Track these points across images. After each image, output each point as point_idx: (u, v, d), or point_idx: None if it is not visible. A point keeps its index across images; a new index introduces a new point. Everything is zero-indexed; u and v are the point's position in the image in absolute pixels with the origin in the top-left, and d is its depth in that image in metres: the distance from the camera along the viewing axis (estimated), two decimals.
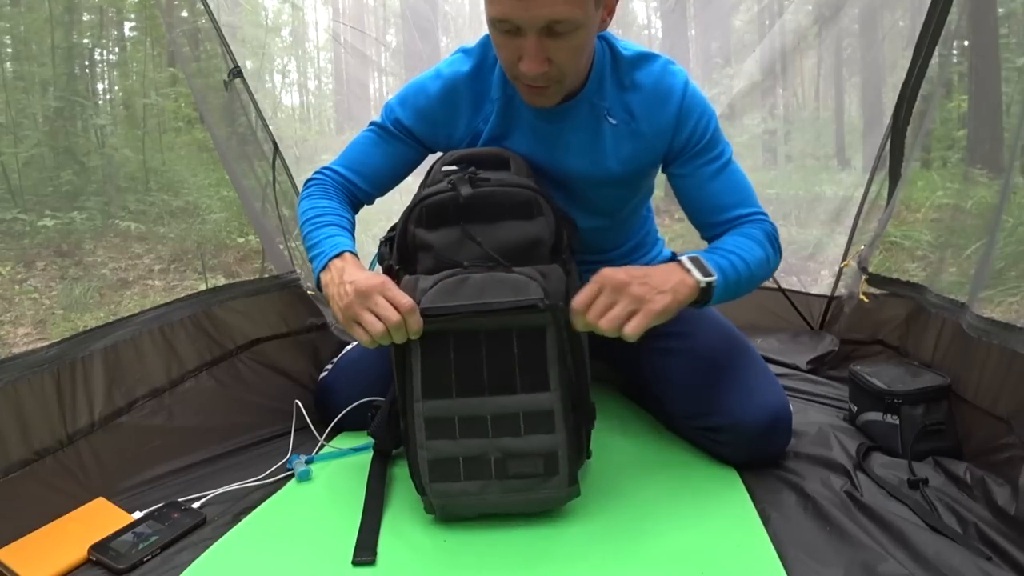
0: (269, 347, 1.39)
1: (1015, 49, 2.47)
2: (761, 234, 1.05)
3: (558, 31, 0.88)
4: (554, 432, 0.87)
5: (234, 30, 1.82)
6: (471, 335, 0.88)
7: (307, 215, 1.08)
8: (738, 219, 1.07)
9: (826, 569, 0.79)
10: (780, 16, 2.06)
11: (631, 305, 0.86)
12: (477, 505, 0.89)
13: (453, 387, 0.88)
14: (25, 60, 2.46)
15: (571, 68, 0.95)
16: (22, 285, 2.42)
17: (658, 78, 1.04)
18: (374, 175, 1.15)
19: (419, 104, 1.11)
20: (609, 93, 1.05)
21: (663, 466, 1.09)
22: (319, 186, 1.14)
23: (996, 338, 1.01)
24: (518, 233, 0.95)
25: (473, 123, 1.11)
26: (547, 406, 0.87)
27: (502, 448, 0.87)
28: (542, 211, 0.96)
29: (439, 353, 0.88)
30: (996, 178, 2.46)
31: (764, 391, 1.06)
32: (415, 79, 1.14)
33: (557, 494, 0.89)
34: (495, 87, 1.08)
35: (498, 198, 0.95)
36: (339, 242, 1.01)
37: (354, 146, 1.17)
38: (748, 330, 1.20)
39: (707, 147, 1.07)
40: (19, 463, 0.92)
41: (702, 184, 1.08)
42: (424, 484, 0.89)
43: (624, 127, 1.06)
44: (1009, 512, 0.84)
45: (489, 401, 0.87)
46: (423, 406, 0.88)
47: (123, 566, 0.82)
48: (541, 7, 0.85)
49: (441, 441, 0.88)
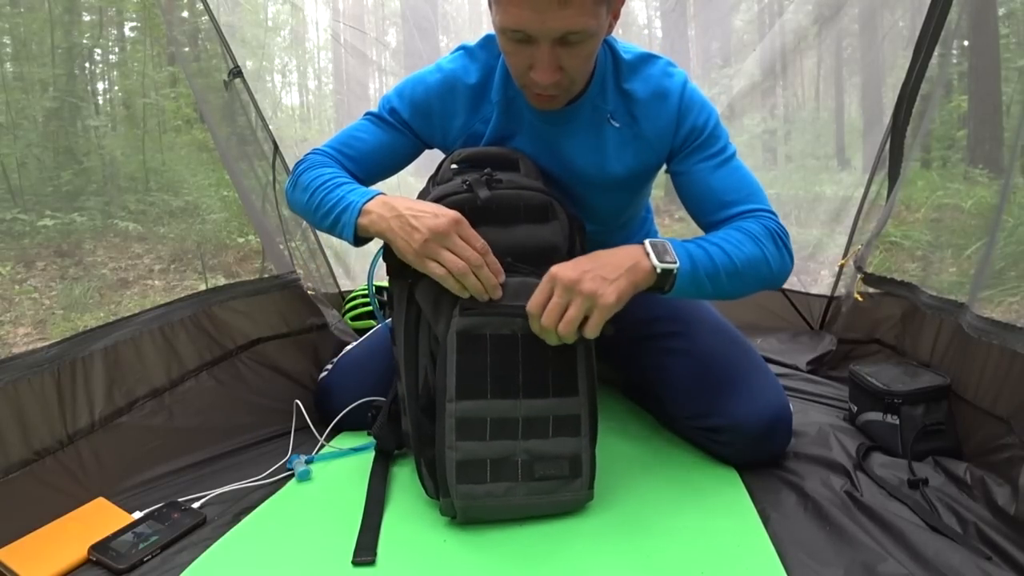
0: (269, 347, 1.39)
1: (1015, 49, 2.47)
2: (760, 229, 0.98)
3: (571, 40, 0.87)
4: (579, 436, 0.90)
5: (234, 30, 1.82)
6: (508, 338, 0.89)
7: (315, 183, 1.02)
8: (740, 215, 1.02)
9: (826, 569, 0.79)
10: (780, 16, 2.07)
11: (585, 303, 0.83)
12: (500, 507, 0.89)
13: (488, 388, 0.88)
14: (25, 60, 2.46)
15: (581, 75, 0.96)
16: (22, 285, 2.42)
17: (658, 80, 1.04)
18: (365, 160, 1.12)
19: (416, 95, 1.10)
20: (611, 96, 1.05)
21: (663, 466, 1.09)
22: (315, 159, 1.10)
23: (996, 338, 1.01)
24: (533, 237, 0.95)
25: (470, 123, 1.10)
26: (575, 411, 0.90)
27: (529, 450, 0.88)
28: (556, 215, 0.97)
29: (476, 353, 0.88)
30: (996, 178, 2.46)
31: (764, 391, 1.06)
32: (414, 73, 1.13)
33: (577, 496, 0.91)
34: (495, 89, 1.07)
35: (514, 201, 0.95)
36: (364, 191, 0.98)
37: (347, 131, 1.14)
38: (748, 330, 1.20)
39: (707, 142, 1.05)
40: (19, 463, 0.92)
41: (702, 180, 1.05)
42: (450, 486, 0.88)
43: (627, 130, 1.06)
44: (1009, 512, 0.84)
45: (522, 404, 0.88)
46: (456, 407, 0.88)
47: (123, 566, 0.82)
48: (557, 19, 0.84)
49: (471, 442, 0.87)
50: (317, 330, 1.53)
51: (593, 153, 1.07)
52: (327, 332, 1.55)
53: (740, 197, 1.03)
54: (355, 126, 1.14)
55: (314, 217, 1.03)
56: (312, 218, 1.04)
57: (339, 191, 0.99)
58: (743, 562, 0.82)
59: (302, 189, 1.05)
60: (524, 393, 0.88)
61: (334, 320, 1.64)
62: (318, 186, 1.02)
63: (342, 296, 2.10)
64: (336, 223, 0.98)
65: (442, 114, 1.10)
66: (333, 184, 1.01)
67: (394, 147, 1.13)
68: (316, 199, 1.01)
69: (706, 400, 1.07)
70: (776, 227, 1.01)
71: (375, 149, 1.12)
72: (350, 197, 0.97)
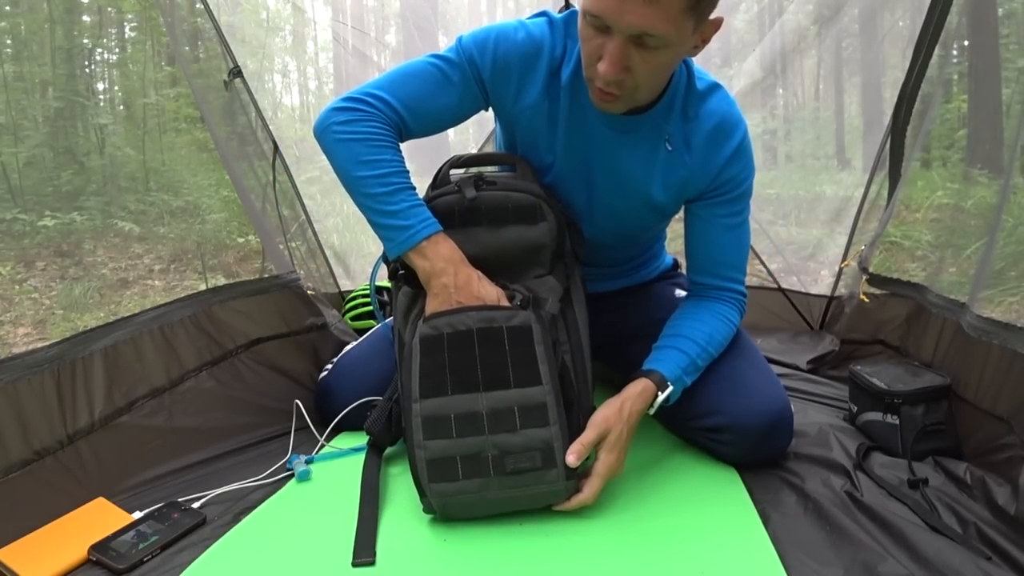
0: (269, 347, 1.39)
1: (1015, 49, 2.47)
2: (737, 317, 1.12)
3: (646, 43, 0.83)
4: (548, 425, 0.88)
5: (234, 30, 1.82)
6: (464, 334, 0.89)
7: (368, 158, 0.93)
8: (724, 290, 1.11)
9: (826, 569, 0.79)
10: (780, 16, 2.07)
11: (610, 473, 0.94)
12: (476, 504, 0.89)
13: (448, 385, 0.89)
14: (25, 60, 2.46)
15: (648, 84, 0.91)
16: (22, 285, 2.42)
17: (723, 117, 1.02)
18: (429, 118, 1.01)
19: (500, 52, 0.98)
20: (675, 119, 1.03)
21: (663, 466, 1.09)
22: (370, 124, 0.95)
23: (996, 338, 1.01)
24: (522, 238, 0.97)
25: (541, 100, 1.02)
26: (540, 399, 0.89)
27: (499, 444, 0.88)
28: (545, 216, 0.97)
29: (435, 353, 0.89)
30: (996, 178, 2.46)
31: (765, 391, 1.06)
32: (491, 26, 1.01)
33: (554, 487, 0.89)
34: (569, 70, 1.01)
35: (502, 203, 0.96)
36: (428, 218, 0.93)
37: (411, 78, 1.00)
38: (748, 330, 1.20)
39: (735, 199, 1.07)
40: (19, 463, 0.92)
41: (715, 236, 1.10)
42: (424, 485, 0.89)
43: (678, 156, 1.04)
44: (1009, 512, 0.84)
45: (483, 397, 0.88)
46: (420, 406, 0.89)
47: (123, 566, 0.82)
48: (637, 15, 0.80)
49: (439, 440, 0.88)
50: (317, 330, 1.53)
51: (643, 170, 1.05)
52: (327, 332, 1.55)
53: (735, 262, 1.13)
54: (421, 74, 0.99)
55: (354, 194, 0.96)
56: (350, 188, 0.97)
57: (400, 197, 0.93)
58: (743, 562, 0.82)
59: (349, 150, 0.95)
60: (485, 386, 0.88)
61: (334, 320, 1.64)
62: (376, 175, 0.93)
63: (342, 296, 2.10)
64: (384, 230, 0.94)
65: (520, 79, 1.01)
66: (394, 184, 0.94)
67: (462, 107, 1.02)
68: (369, 186, 0.94)
69: (707, 400, 1.07)
70: (743, 306, 1.14)
71: (443, 111, 1.01)
72: (410, 217, 0.92)
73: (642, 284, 1.36)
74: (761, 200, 2.14)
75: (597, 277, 1.25)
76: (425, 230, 0.93)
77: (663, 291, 1.34)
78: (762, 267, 2.12)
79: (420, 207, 0.95)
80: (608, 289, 1.32)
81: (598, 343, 1.09)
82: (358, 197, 0.96)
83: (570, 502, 0.92)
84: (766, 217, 2.14)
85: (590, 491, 0.91)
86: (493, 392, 0.88)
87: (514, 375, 0.89)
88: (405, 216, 0.93)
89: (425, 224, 0.93)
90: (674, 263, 1.45)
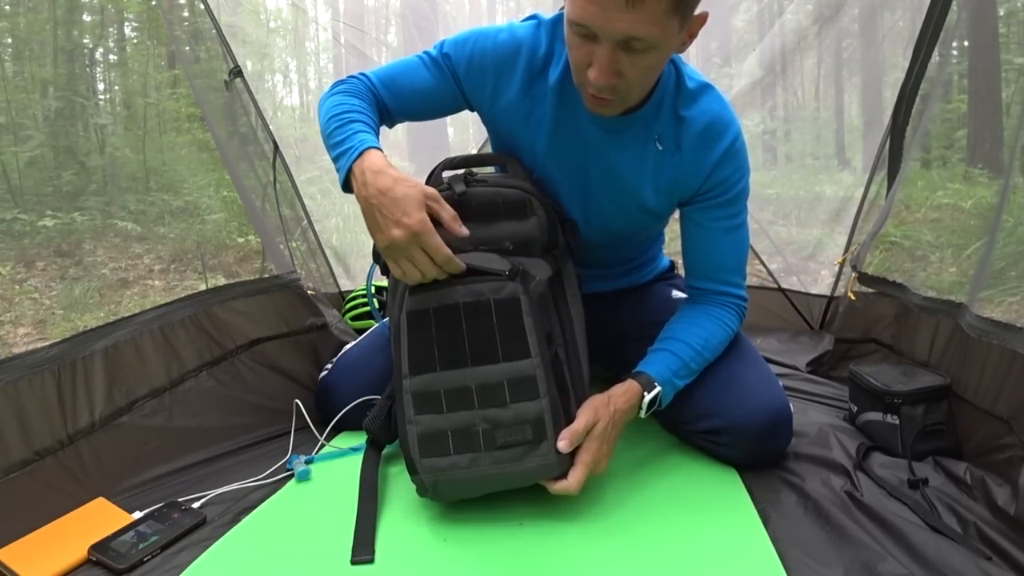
0: (269, 347, 1.38)
1: (1015, 49, 2.47)
2: (736, 321, 1.11)
3: (634, 47, 0.84)
4: (538, 397, 0.88)
5: (235, 30, 1.82)
6: (451, 308, 0.89)
7: (334, 109, 0.99)
8: (725, 291, 1.10)
9: (826, 569, 0.79)
10: (780, 16, 2.07)
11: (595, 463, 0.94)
12: (468, 482, 0.89)
13: (436, 360, 0.89)
14: (26, 60, 2.46)
15: (639, 85, 0.92)
16: (22, 285, 2.42)
17: (715, 117, 1.02)
18: (405, 96, 1.07)
19: (476, 50, 1.03)
20: (665, 119, 1.02)
21: (663, 466, 1.09)
22: (349, 85, 1.05)
23: (996, 338, 1.01)
24: (514, 234, 0.97)
25: (522, 100, 1.04)
26: (529, 372, 0.88)
27: (489, 419, 0.88)
28: (535, 211, 0.98)
29: (424, 328, 0.90)
30: (996, 178, 2.46)
31: (764, 392, 1.06)
32: (481, 27, 1.06)
33: (546, 461, 0.88)
34: (556, 72, 1.02)
35: (492, 198, 0.96)
36: (367, 139, 0.93)
37: (394, 64, 1.09)
38: (748, 330, 1.20)
39: (729, 202, 1.06)
40: (19, 463, 0.92)
41: (711, 240, 1.09)
42: (415, 460, 0.89)
43: (668, 156, 1.03)
44: (1009, 512, 0.84)
45: (472, 372, 0.88)
46: (410, 382, 0.90)
47: (123, 566, 0.82)
48: (622, 21, 0.80)
49: (429, 415, 0.89)
50: (317, 330, 1.53)
51: (634, 170, 1.05)
52: (327, 332, 1.55)
53: (733, 265, 1.12)
54: (405, 62, 1.08)
55: (325, 144, 1.00)
56: (325, 143, 1.01)
57: (349, 128, 0.95)
58: (743, 562, 0.82)
59: (324, 110, 1.02)
60: (472, 361, 0.88)
61: (334, 320, 1.64)
62: (335, 114, 0.98)
63: (342, 296, 2.10)
64: (335, 163, 0.96)
65: (496, 78, 1.04)
66: (348, 118, 0.97)
67: (438, 93, 1.07)
68: (329, 127, 0.98)
69: (706, 401, 1.07)
70: (743, 311, 1.12)
71: (418, 90, 1.07)
72: (351, 142, 0.93)
73: (638, 286, 1.36)
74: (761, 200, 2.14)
75: (593, 278, 1.25)
76: (361, 146, 0.91)
77: (660, 292, 1.34)
78: (762, 267, 2.12)
79: (364, 133, 0.94)
80: (604, 290, 1.32)
81: (595, 344, 1.09)
82: (324, 142, 1.00)
83: (555, 486, 0.90)
84: (766, 217, 2.14)
85: (574, 479, 0.90)
86: (481, 367, 0.88)
87: (502, 349, 0.88)
88: (348, 142, 0.93)
89: (363, 142, 0.92)
90: (671, 265, 1.45)
